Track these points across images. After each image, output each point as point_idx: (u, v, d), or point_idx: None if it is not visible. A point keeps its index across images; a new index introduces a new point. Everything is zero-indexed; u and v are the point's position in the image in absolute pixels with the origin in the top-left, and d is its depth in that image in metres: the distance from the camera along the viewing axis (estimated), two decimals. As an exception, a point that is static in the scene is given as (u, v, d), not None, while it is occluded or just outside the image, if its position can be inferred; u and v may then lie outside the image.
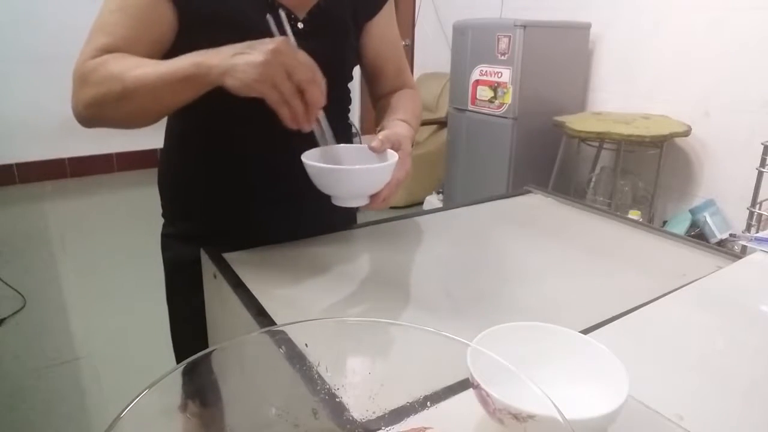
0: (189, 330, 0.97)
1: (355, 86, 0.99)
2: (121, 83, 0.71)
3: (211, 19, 0.78)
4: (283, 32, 0.75)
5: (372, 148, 0.77)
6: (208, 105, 0.75)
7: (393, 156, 0.76)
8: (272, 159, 0.89)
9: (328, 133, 0.78)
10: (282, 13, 0.76)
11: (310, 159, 0.73)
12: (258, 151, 0.89)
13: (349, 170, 0.74)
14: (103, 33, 0.77)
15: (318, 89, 0.69)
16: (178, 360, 0.98)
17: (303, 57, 0.68)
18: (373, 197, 0.75)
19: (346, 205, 0.76)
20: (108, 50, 0.75)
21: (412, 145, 0.90)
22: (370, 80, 1.02)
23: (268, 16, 0.75)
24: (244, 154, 0.90)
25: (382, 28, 0.97)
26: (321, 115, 0.74)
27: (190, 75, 0.69)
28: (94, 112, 0.76)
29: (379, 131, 0.89)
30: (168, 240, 0.99)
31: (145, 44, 0.77)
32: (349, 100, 0.99)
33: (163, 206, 1.00)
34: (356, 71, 0.99)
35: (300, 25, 0.85)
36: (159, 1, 0.77)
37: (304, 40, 0.81)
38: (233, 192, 0.92)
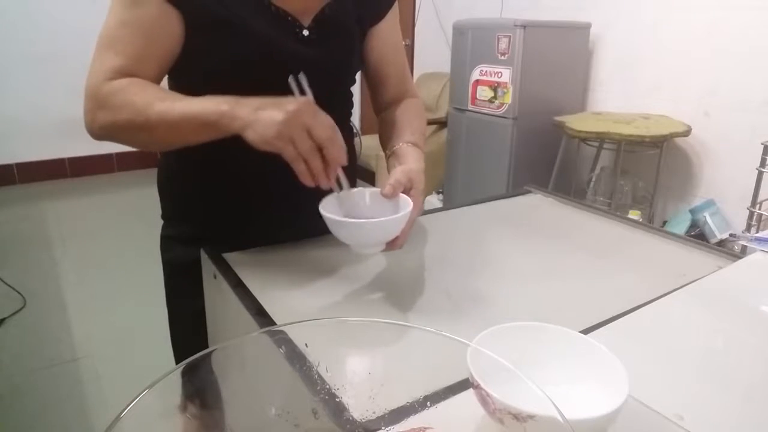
0: (188, 331, 0.97)
1: (354, 86, 0.99)
2: (144, 116, 0.72)
3: (215, 25, 0.78)
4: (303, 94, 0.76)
5: (385, 195, 0.77)
6: None
7: (407, 204, 0.76)
8: (272, 164, 0.89)
9: (347, 189, 0.78)
10: (303, 77, 0.76)
11: (326, 208, 0.74)
12: (257, 156, 0.89)
13: (364, 224, 0.74)
14: (114, 51, 0.76)
15: (338, 148, 0.70)
16: (177, 361, 0.98)
17: (323, 117, 0.69)
18: (389, 243, 0.76)
19: (363, 253, 0.78)
20: (122, 71, 0.76)
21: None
22: (373, 86, 1.02)
23: (290, 79, 0.75)
24: (243, 159, 0.90)
25: (386, 33, 0.97)
26: (341, 173, 0.75)
27: (214, 122, 0.70)
28: (108, 134, 0.77)
29: (389, 156, 0.89)
30: (167, 241, 0.99)
31: (156, 59, 0.78)
32: (351, 104, 0.99)
33: (162, 208, 1.00)
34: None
35: (305, 32, 0.84)
36: (166, 12, 0.76)
37: (309, 47, 0.81)
38: (232, 196, 0.92)
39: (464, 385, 0.48)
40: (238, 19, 0.79)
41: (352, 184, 0.80)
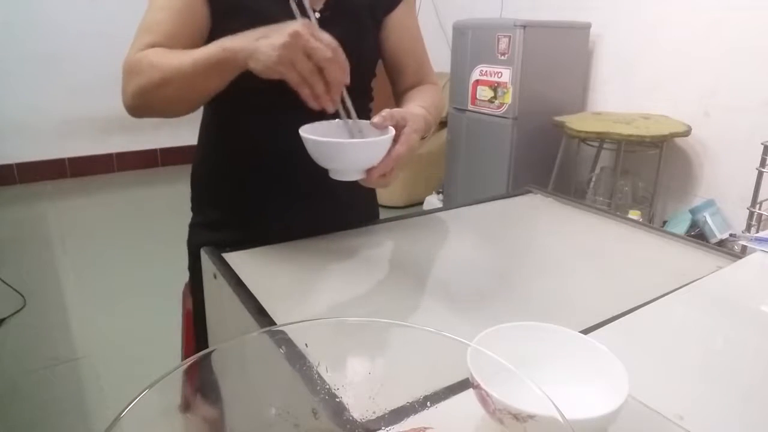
0: None
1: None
2: (160, 72, 0.76)
3: (237, 10, 0.83)
4: (306, 17, 0.78)
5: (373, 124, 0.77)
6: (238, 98, 0.81)
7: (390, 131, 0.76)
8: (295, 152, 0.91)
9: (353, 113, 0.79)
10: (305, 0, 0.78)
11: (308, 132, 0.74)
12: (279, 142, 0.92)
13: (339, 143, 0.74)
14: (148, 31, 0.82)
15: (339, 67, 0.70)
16: (200, 348, 0.99)
17: (325, 37, 0.70)
18: (369, 172, 0.76)
19: (342, 179, 0.77)
20: (152, 46, 0.80)
21: (430, 131, 0.90)
22: (391, 76, 1.04)
23: (291, 2, 0.77)
24: (265, 146, 0.93)
25: (401, 22, 0.99)
26: (345, 95, 0.75)
27: (219, 60, 0.72)
28: (139, 102, 0.81)
29: None
30: (195, 229, 1.03)
31: (185, 38, 0.83)
32: (370, 98, 1.00)
33: (192, 198, 1.05)
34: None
35: (317, 15, 0.87)
36: None
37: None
38: (254, 182, 0.95)
39: (464, 385, 0.48)
40: (253, 4, 0.83)
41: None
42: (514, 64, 2.65)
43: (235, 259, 0.83)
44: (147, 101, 0.81)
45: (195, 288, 1.03)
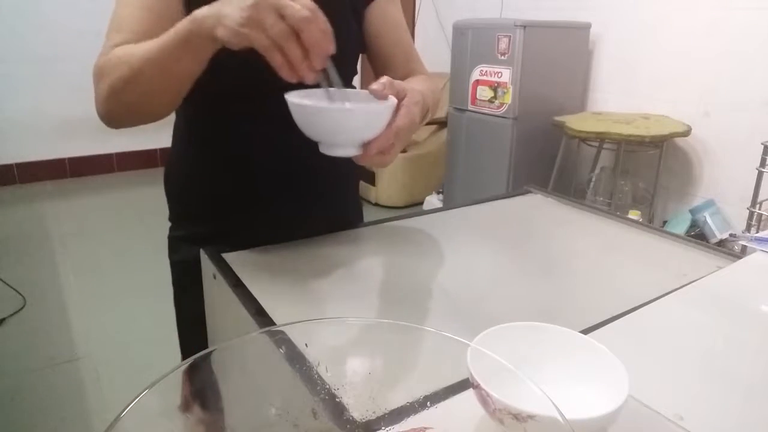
0: (197, 330, 0.97)
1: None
2: (128, 65, 0.69)
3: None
4: None
5: (372, 91, 0.68)
6: (210, 102, 0.74)
7: (392, 99, 0.68)
8: (276, 159, 0.89)
9: (339, 87, 0.70)
10: None
11: (295, 96, 0.65)
12: (261, 149, 0.89)
13: (335, 110, 0.65)
14: (117, 31, 0.76)
15: (318, 30, 0.61)
16: (199, 348, 0.98)
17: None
18: (366, 146, 0.68)
19: (334, 154, 0.67)
20: (122, 45, 0.74)
21: (428, 116, 0.83)
22: (378, 70, 0.99)
23: None
24: (246, 155, 0.90)
25: (383, 12, 0.94)
26: (330, 66, 0.65)
27: (187, 33, 0.65)
28: (112, 105, 0.74)
29: None
30: (175, 242, 0.98)
31: (159, 34, 0.76)
32: None
33: (170, 209, 1.00)
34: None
35: None
36: None
37: None
38: (236, 192, 0.93)
39: (464, 385, 0.48)
40: None
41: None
42: (514, 64, 2.65)
43: (234, 259, 0.83)
44: (120, 102, 0.73)
45: (178, 304, 1.00)
